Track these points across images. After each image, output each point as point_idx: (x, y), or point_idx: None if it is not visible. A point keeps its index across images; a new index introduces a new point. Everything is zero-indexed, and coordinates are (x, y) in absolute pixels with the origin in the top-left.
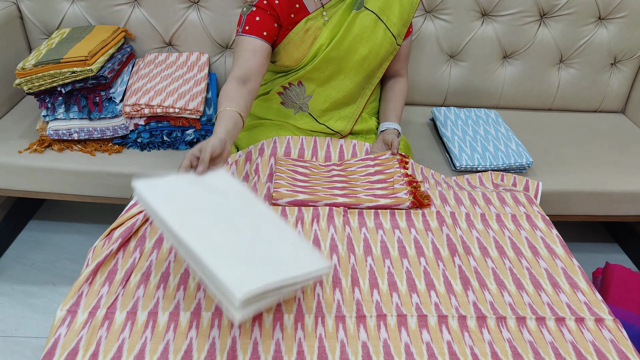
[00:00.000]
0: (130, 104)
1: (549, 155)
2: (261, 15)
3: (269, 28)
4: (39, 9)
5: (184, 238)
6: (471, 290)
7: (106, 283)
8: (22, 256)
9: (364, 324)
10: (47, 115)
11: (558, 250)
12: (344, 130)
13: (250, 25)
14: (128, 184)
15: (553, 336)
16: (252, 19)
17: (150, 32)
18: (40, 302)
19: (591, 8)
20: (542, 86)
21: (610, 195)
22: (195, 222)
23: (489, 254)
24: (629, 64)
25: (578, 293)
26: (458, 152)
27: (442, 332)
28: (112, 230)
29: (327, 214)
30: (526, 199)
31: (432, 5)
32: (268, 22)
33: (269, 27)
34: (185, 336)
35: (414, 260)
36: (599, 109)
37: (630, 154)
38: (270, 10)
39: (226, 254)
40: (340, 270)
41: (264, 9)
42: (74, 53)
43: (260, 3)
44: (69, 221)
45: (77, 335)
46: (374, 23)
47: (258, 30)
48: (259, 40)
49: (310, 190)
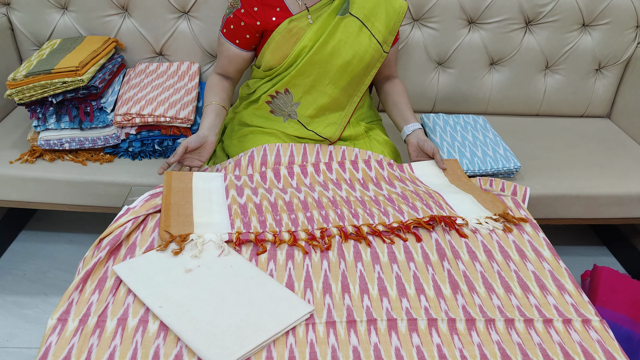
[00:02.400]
0: (121, 114)
1: (536, 159)
2: (235, 24)
3: (240, 37)
4: (29, 20)
5: (164, 320)
6: (460, 294)
7: (96, 291)
8: (14, 267)
9: (355, 328)
10: (38, 126)
11: (545, 253)
12: (332, 137)
13: (227, 30)
14: (119, 194)
15: (541, 337)
16: (229, 25)
17: (140, 42)
18: (32, 313)
19: (575, 15)
20: (528, 92)
21: (598, 199)
22: (175, 297)
23: (478, 258)
24: (614, 70)
25: (565, 295)
26: (447, 157)
27: (432, 336)
28: (101, 239)
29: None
30: (513, 203)
31: (419, 14)
32: (240, 32)
33: (241, 37)
34: (176, 343)
35: (404, 265)
36: (585, 114)
37: (616, 158)
38: (246, 19)
39: (206, 329)
40: (331, 276)
41: (240, 19)
42: (65, 63)
43: (238, 12)
44: (60, 231)
45: (68, 343)
46: (358, 29)
47: (232, 38)
48: (234, 48)
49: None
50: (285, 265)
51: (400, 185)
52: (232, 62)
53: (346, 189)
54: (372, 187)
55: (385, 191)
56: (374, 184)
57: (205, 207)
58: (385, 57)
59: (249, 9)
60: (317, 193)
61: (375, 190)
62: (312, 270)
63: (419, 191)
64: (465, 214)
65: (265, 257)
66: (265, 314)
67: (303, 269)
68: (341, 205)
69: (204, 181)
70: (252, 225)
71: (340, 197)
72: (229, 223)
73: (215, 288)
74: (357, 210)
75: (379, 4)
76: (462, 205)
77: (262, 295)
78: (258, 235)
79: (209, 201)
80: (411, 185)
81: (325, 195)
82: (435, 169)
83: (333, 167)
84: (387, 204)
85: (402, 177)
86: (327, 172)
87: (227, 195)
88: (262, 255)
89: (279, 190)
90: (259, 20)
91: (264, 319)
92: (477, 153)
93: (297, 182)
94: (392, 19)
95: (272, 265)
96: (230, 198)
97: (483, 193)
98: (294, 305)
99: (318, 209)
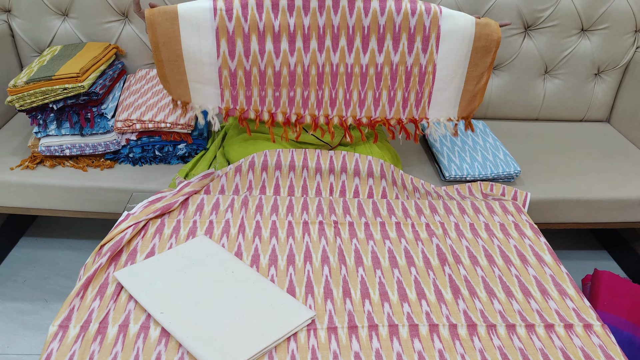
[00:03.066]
0: (122, 120)
1: (536, 164)
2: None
3: None
4: (30, 27)
5: (166, 326)
6: (461, 298)
7: (97, 297)
8: (14, 273)
9: (356, 334)
10: (38, 132)
11: (546, 257)
12: (332, 142)
13: None
14: (120, 199)
15: (543, 343)
16: None
17: (141, 49)
18: (32, 319)
19: (574, 20)
20: (528, 97)
21: (598, 203)
22: (176, 303)
23: (479, 263)
24: (613, 74)
25: (567, 300)
26: (447, 162)
27: (434, 341)
28: (102, 245)
29: (317, 227)
30: (514, 207)
31: None
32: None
33: None
34: (177, 350)
35: (405, 270)
36: (584, 119)
37: (616, 162)
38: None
39: (207, 335)
40: (332, 281)
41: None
42: (65, 70)
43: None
44: (61, 237)
45: (70, 350)
46: None
47: None
48: None
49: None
50: (287, 271)
51: (403, 47)
52: None
53: (342, 48)
54: (371, 46)
55: (382, 56)
56: (378, 37)
57: (197, 66)
58: None
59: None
60: (310, 55)
61: (373, 52)
62: (313, 276)
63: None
64: (434, 112)
65: (266, 263)
66: (266, 319)
67: (304, 274)
68: (326, 82)
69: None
70: (239, 101)
71: (329, 66)
72: (219, 93)
73: (217, 294)
74: (338, 93)
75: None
76: (442, 98)
77: (263, 301)
78: (242, 113)
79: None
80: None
81: (316, 61)
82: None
83: (340, 4)
84: (372, 84)
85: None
86: (332, 12)
87: (218, 48)
88: (263, 260)
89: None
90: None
91: (266, 325)
92: (477, 158)
93: (295, 24)
94: None
95: (273, 270)
96: (221, 57)
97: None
98: (295, 311)
99: (302, 87)
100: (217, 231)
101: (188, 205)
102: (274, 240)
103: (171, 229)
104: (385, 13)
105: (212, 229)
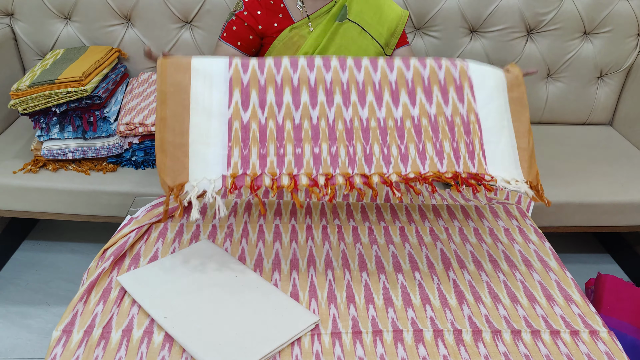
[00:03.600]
0: (124, 123)
1: (539, 167)
2: (238, 25)
3: (243, 39)
4: (32, 31)
5: (169, 331)
6: (466, 304)
7: (100, 302)
8: (16, 277)
9: (360, 339)
10: (41, 136)
11: (551, 263)
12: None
13: (228, 33)
14: (123, 203)
15: (548, 349)
16: (230, 27)
17: (143, 52)
18: (34, 323)
19: (576, 23)
20: (531, 100)
21: (601, 207)
22: (180, 307)
23: (483, 268)
24: (615, 77)
25: (572, 305)
26: None
27: (438, 347)
28: (105, 250)
29: (321, 231)
30: (519, 212)
31: (421, 22)
32: (244, 33)
33: (243, 38)
34: (181, 354)
35: (409, 274)
36: (587, 122)
37: (619, 165)
38: (249, 21)
39: (211, 340)
40: (336, 286)
41: (243, 20)
42: (68, 74)
43: (241, 14)
44: (63, 241)
45: (73, 354)
46: (358, 34)
47: (233, 40)
48: (233, 50)
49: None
50: (290, 275)
51: (437, 99)
52: None
53: (370, 103)
54: (402, 100)
55: (417, 109)
56: (408, 91)
57: (204, 120)
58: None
59: (252, 11)
60: (335, 109)
61: (405, 105)
62: (317, 280)
63: (456, 117)
64: (495, 168)
65: (269, 267)
66: (270, 324)
67: (307, 279)
68: (357, 137)
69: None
70: (251, 163)
71: (359, 121)
72: (226, 154)
73: (220, 298)
74: (373, 148)
75: (378, 9)
76: (497, 152)
77: (267, 306)
78: (255, 179)
79: (209, 103)
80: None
81: (342, 115)
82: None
83: (363, 63)
84: (412, 137)
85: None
86: (355, 69)
87: (231, 98)
88: (267, 264)
89: (291, 95)
90: (261, 24)
91: (270, 330)
92: None
93: (316, 80)
94: (393, 21)
95: (276, 275)
96: (233, 106)
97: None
98: (299, 316)
99: (329, 142)
100: (220, 235)
101: (191, 209)
102: (277, 244)
103: (174, 233)
104: (410, 68)
105: (215, 233)
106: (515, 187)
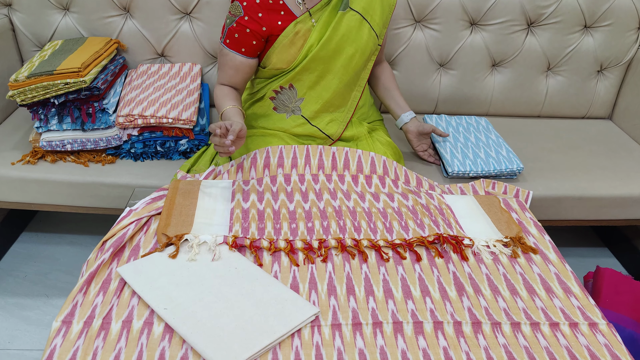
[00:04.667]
0: (123, 115)
1: (538, 161)
2: (240, 32)
3: (247, 45)
4: (31, 21)
5: (169, 322)
6: (466, 296)
7: (100, 293)
8: (15, 268)
9: (360, 331)
10: (40, 127)
11: (551, 255)
12: (334, 134)
13: (230, 40)
14: (121, 195)
15: (548, 341)
16: (232, 34)
17: (142, 43)
18: (33, 315)
19: (577, 16)
20: (530, 93)
21: (600, 200)
22: (180, 298)
23: (483, 260)
24: (615, 71)
25: (571, 298)
26: (450, 158)
27: (438, 338)
28: (104, 241)
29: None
30: (518, 205)
31: (421, 15)
32: (247, 39)
33: (247, 44)
34: (181, 345)
35: (409, 267)
36: (586, 115)
37: (618, 159)
38: (250, 26)
39: (211, 332)
40: (335, 278)
41: (244, 26)
42: (67, 65)
43: (242, 19)
44: (61, 233)
45: (73, 345)
46: (359, 23)
47: (237, 47)
48: (239, 57)
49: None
50: (290, 267)
51: (412, 198)
52: (239, 72)
53: (355, 199)
54: (382, 198)
55: (396, 202)
56: (386, 194)
57: (209, 208)
58: (379, 50)
59: (253, 15)
60: (324, 202)
61: (385, 201)
62: (317, 273)
63: (430, 205)
64: (474, 234)
65: (269, 259)
66: (270, 316)
67: (307, 271)
68: (345, 216)
69: (212, 185)
70: (250, 232)
71: (346, 207)
72: (228, 226)
73: (220, 290)
74: (361, 223)
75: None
76: (473, 225)
77: (267, 297)
78: (254, 241)
79: (214, 202)
80: (424, 197)
81: (332, 204)
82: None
83: (345, 179)
84: (395, 217)
85: (427, 202)
86: (339, 183)
87: (233, 198)
88: (267, 256)
89: (285, 196)
90: (265, 26)
91: (270, 321)
92: (480, 154)
93: (307, 187)
94: (385, 12)
95: (276, 267)
96: (235, 202)
97: (499, 212)
98: (299, 307)
99: (321, 219)
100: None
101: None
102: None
103: None
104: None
105: None
106: (494, 248)
